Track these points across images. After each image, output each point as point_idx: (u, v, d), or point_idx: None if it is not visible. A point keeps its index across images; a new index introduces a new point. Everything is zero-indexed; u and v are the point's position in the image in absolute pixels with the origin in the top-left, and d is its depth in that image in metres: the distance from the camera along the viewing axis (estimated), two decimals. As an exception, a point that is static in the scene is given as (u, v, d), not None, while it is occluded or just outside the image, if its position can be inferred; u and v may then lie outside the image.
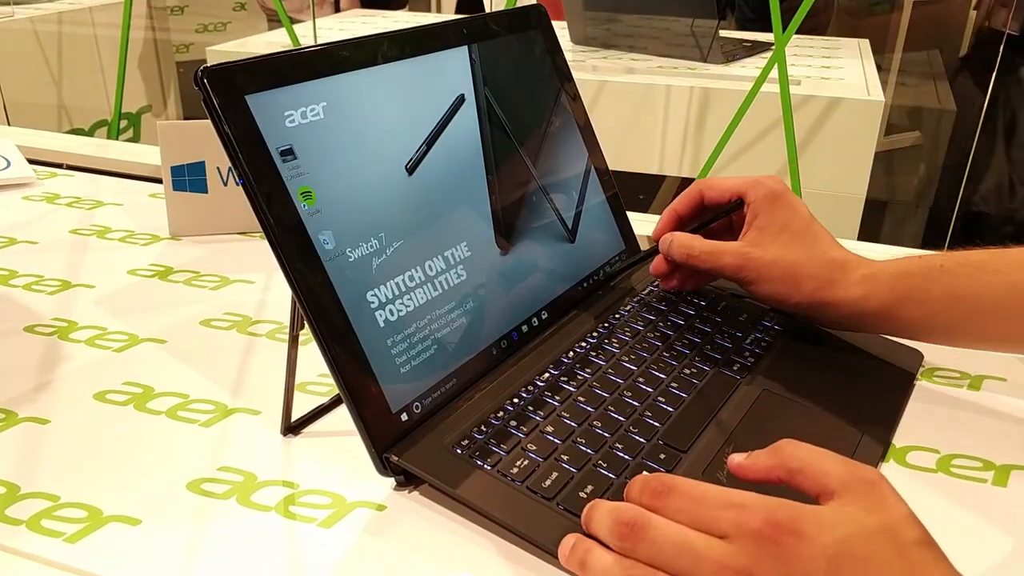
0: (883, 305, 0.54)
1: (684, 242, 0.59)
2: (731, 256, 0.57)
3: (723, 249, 0.58)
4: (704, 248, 0.58)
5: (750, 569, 0.36)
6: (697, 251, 0.58)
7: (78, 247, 0.79)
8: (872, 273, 0.55)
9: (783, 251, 0.56)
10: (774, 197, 0.58)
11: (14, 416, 0.54)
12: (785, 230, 0.57)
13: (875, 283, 0.54)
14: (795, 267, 0.56)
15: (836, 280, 0.55)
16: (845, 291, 0.55)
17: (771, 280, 0.56)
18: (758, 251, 0.57)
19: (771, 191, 0.58)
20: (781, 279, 0.56)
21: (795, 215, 0.58)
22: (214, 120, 0.44)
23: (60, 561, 0.43)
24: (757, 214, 0.58)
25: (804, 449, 0.40)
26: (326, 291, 0.46)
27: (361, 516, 0.46)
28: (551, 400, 0.52)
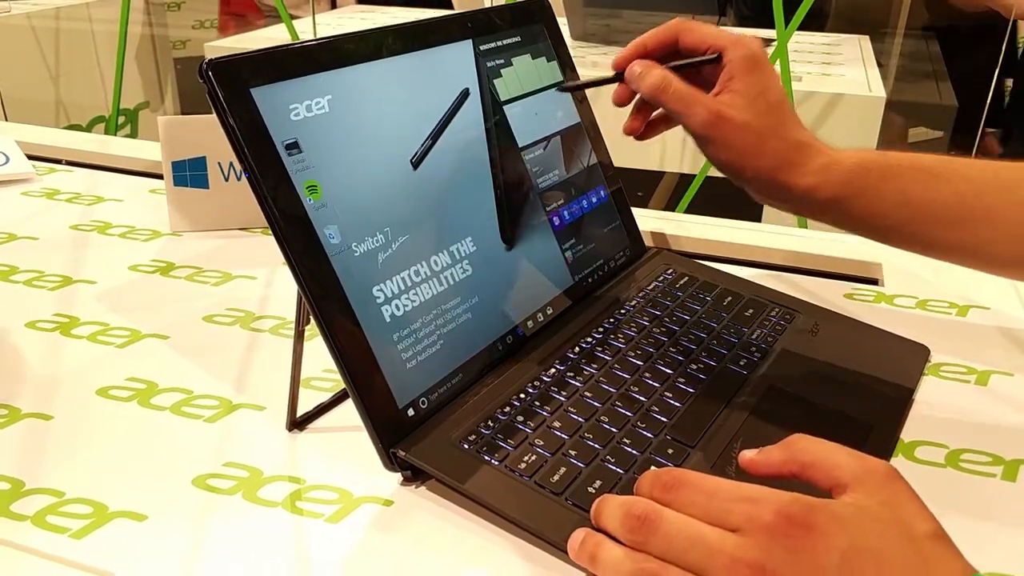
0: (833, 198, 0.54)
1: (659, 75, 0.54)
2: (704, 109, 0.54)
3: (697, 98, 0.54)
4: (679, 88, 0.54)
5: (763, 563, 0.35)
6: (672, 89, 0.54)
7: (79, 243, 0.79)
8: (830, 163, 0.54)
9: (755, 118, 0.53)
10: (754, 61, 0.55)
11: (17, 412, 0.54)
12: (760, 98, 0.54)
13: (830, 174, 0.53)
14: (761, 139, 0.53)
15: (795, 163, 0.54)
16: (800, 177, 0.54)
17: (734, 147, 0.54)
18: (729, 111, 0.53)
19: (752, 54, 0.55)
20: (744, 148, 0.54)
21: (772, 84, 0.55)
22: (219, 113, 0.44)
23: (67, 557, 0.43)
24: (734, 75, 0.54)
25: (816, 443, 0.39)
26: (332, 286, 0.46)
27: (368, 511, 0.46)
28: (558, 395, 0.52)
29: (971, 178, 0.53)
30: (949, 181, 0.53)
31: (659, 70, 0.55)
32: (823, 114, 1.56)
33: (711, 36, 0.56)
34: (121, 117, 2.15)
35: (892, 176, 0.53)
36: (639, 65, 0.55)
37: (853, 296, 0.70)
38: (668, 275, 0.67)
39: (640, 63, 0.55)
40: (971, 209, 0.53)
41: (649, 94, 0.54)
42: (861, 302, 0.69)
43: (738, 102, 0.54)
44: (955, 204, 0.53)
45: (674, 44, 0.57)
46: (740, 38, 0.55)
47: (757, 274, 0.71)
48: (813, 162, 0.53)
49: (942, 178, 0.53)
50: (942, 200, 0.53)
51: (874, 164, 0.53)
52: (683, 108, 0.54)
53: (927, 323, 0.66)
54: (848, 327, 0.63)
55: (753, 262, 0.78)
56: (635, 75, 0.55)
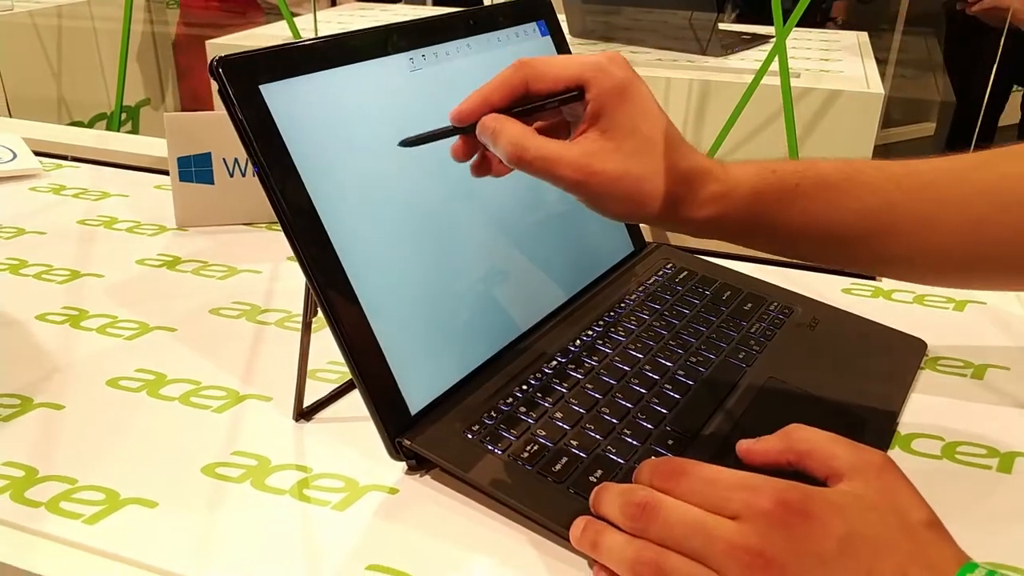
0: (735, 228, 0.50)
1: (515, 138, 0.46)
2: (570, 169, 0.46)
3: (560, 158, 0.46)
4: (539, 153, 0.46)
5: (761, 548, 0.36)
6: (531, 155, 0.46)
7: (86, 237, 0.80)
8: (724, 191, 0.49)
9: (628, 163, 0.47)
10: (621, 91, 0.47)
11: (29, 402, 0.55)
12: (633, 135, 0.47)
13: (726, 203, 0.49)
14: (640, 184, 0.47)
15: (685, 199, 0.49)
16: (694, 211, 0.49)
17: (614, 199, 0.48)
18: (600, 163, 0.47)
19: (618, 83, 0.47)
20: (625, 198, 0.48)
21: (644, 114, 0.48)
22: (229, 109, 0.45)
23: (80, 542, 0.44)
24: (600, 113, 0.47)
25: (813, 433, 0.40)
26: (339, 278, 0.47)
27: (374, 499, 0.47)
28: (560, 387, 0.53)
29: (877, 189, 0.50)
30: (853, 196, 0.49)
31: (514, 129, 0.47)
32: (821, 111, 1.57)
33: (566, 72, 0.48)
34: (122, 114, 2.16)
35: (791, 199, 0.49)
36: (492, 120, 0.47)
37: (851, 291, 0.71)
38: (668, 270, 0.68)
39: (493, 117, 0.47)
40: (877, 224, 0.50)
41: (506, 159, 0.47)
42: (859, 297, 0.70)
43: (607, 147, 0.47)
44: (860, 220, 0.49)
45: (523, 92, 0.48)
46: (599, 63, 0.48)
47: (756, 269, 0.72)
48: (704, 192, 0.49)
49: (846, 193, 0.49)
50: (846, 218, 0.49)
51: (771, 187, 0.49)
52: (548, 173, 0.47)
53: (924, 317, 0.67)
54: (846, 321, 0.64)
55: (752, 257, 0.78)
56: (487, 133, 0.47)
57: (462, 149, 0.49)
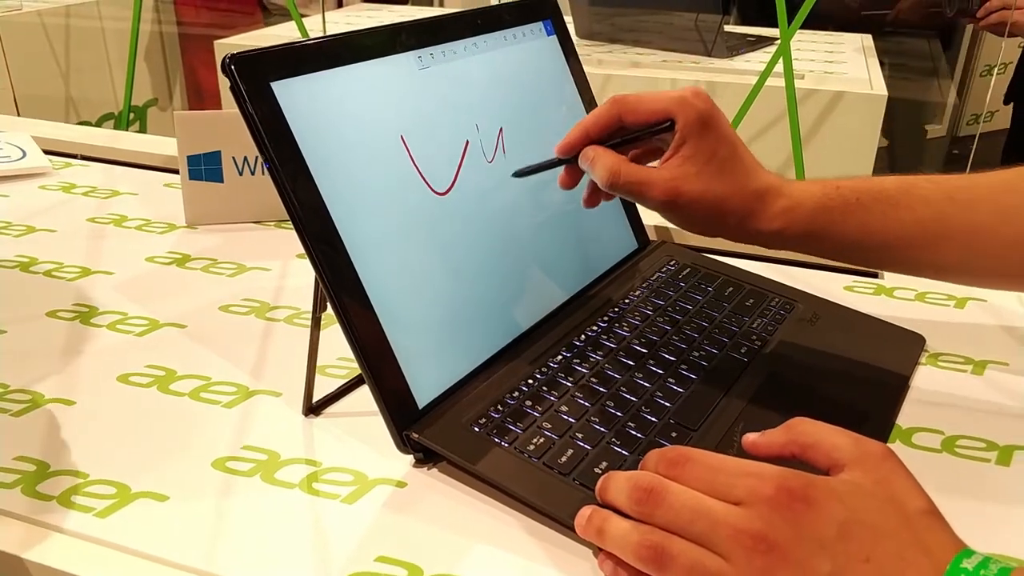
0: (800, 238, 0.55)
1: (609, 165, 0.54)
2: (659, 191, 0.53)
3: (651, 180, 0.54)
4: (631, 177, 0.54)
5: (764, 533, 0.37)
6: (623, 179, 0.54)
7: (96, 235, 0.80)
8: (791, 206, 0.55)
9: (710, 184, 0.54)
10: (703, 122, 0.54)
11: (41, 397, 0.55)
12: (712, 159, 0.54)
13: (793, 216, 0.55)
14: (720, 202, 0.54)
15: (756, 213, 0.55)
16: (765, 224, 0.55)
17: (696, 215, 0.55)
18: (685, 185, 0.53)
19: (700, 114, 0.54)
20: (706, 215, 0.54)
21: (722, 141, 0.54)
22: (241, 105, 0.45)
23: (91, 535, 0.44)
24: (685, 140, 0.54)
25: (816, 426, 0.41)
26: (349, 273, 0.48)
27: (383, 492, 0.48)
28: (565, 381, 0.53)
29: (930, 201, 0.54)
30: (908, 208, 0.54)
31: (609, 158, 0.54)
32: (825, 112, 1.57)
33: (656, 106, 0.55)
34: (130, 114, 2.17)
35: (852, 211, 0.54)
36: (591, 151, 0.55)
37: (853, 288, 0.71)
38: (671, 266, 0.69)
39: (592, 149, 0.55)
40: (931, 233, 0.54)
41: (602, 185, 0.54)
42: (861, 294, 0.71)
43: (691, 171, 0.54)
44: (916, 231, 0.54)
45: (618, 124, 0.56)
46: (684, 97, 0.54)
47: (759, 267, 0.73)
48: (774, 207, 0.55)
49: (901, 206, 0.54)
50: (902, 229, 0.54)
51: (834, 202, 0.55)
52: (638, 193, 0.54)
53: (926, 315, 0.67)
54: (846, 317, 0.64)
55: (754, 255, 0.79)
56: (587, 161, 0.55)
57: (567, 178, 0.57)
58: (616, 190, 0.54)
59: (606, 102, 0.56)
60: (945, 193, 0.55)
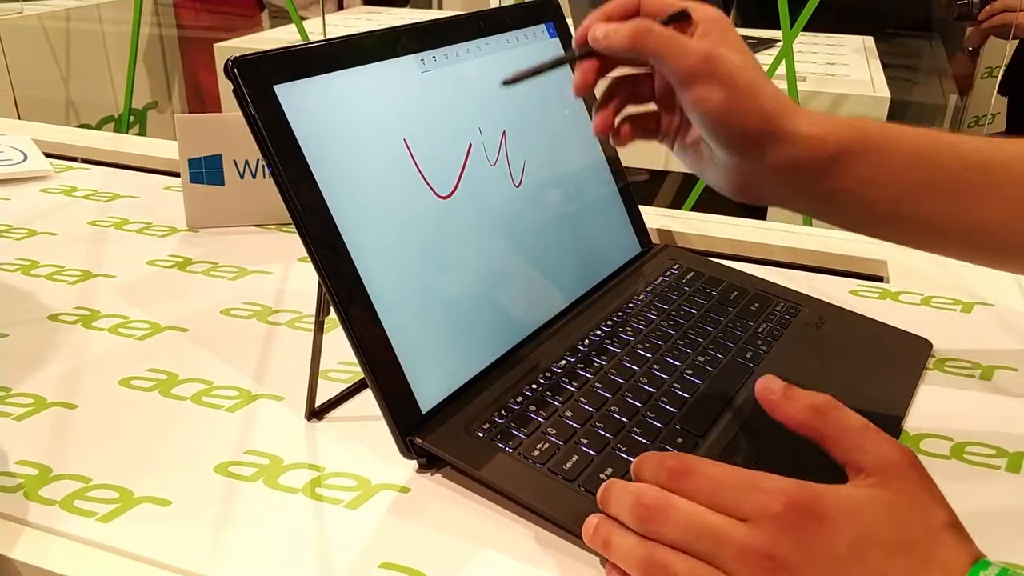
0: (839, 152, 0.48)
1: (635, 23, 0.47)
2: (695, 51, 0.47)
3: (684, 40, 0.47)
4: (661, 31, 0.47)
5: (772, 552, 0.36)
6: (655, 33, 0.47)
7: (97, 238, 0.80)
8: (830, 118, 0.49)
9: (745, 60, 0.48)
10: (724, 23, 0.49)
11: (43, 401, 0.55)
12: (741, 49, 0.48)
13: (834, 127, 0.48)
14: (755, 82, 0.48)
15: (792, 110, 0.48)
16: (804, 125, 0.48)
17: (731, 85, 0.47)
18: (723, 51, 0.47)
19: (720, 16, 0.50)
20: (744, 90, 0.47)
21: (744, 45, 0.49)
22: (244, 108, 0.45)
23: (94, 539, 0.44)
24: (710, 31, 0.48)
25: (847, 419, 0.39)
26: (352, 277, 0.47)
27: (386, 498, 0.47)
28: (569, 386, 0.53)
29: (979, 148, 0.49)
30: (955, 146, 0.49)
31: (629, 22, 0.48)
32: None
33: (677, 2, 0.50)
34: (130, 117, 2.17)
35: (895, 137, 0.49)
36: (603, 27, 0.48)
37: (858, 292, 0.71)
38: (675, 270, 0.69)
39: (602, 24, 0.49)
40: (978, 179, 0.49)
41: (629, 43, 0.47)
42: (866, 298, 0.70)
43: (728, 48, 0.48)
44: (962, 172, 0.49)
45: (636, 10, 0.50)
46: (703, 3, 0.50)
47: (763, 271, 0.73)
48: (810, 114, 0.49)
49: (947, 144, 0.49)
50: (949, 165, 0.49)
51: (873, 124, 0.49)
52: (669, 51, 0.47)
53: (932, 319, 0.67)
54: (852, 321, 0.64)
55: (759, 259, 0.79)
56: (608, 31, 0.48)
57: (583, 80, 0.50)
58: (648, 42, 0.47)
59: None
60: (993, 143, 0.50)
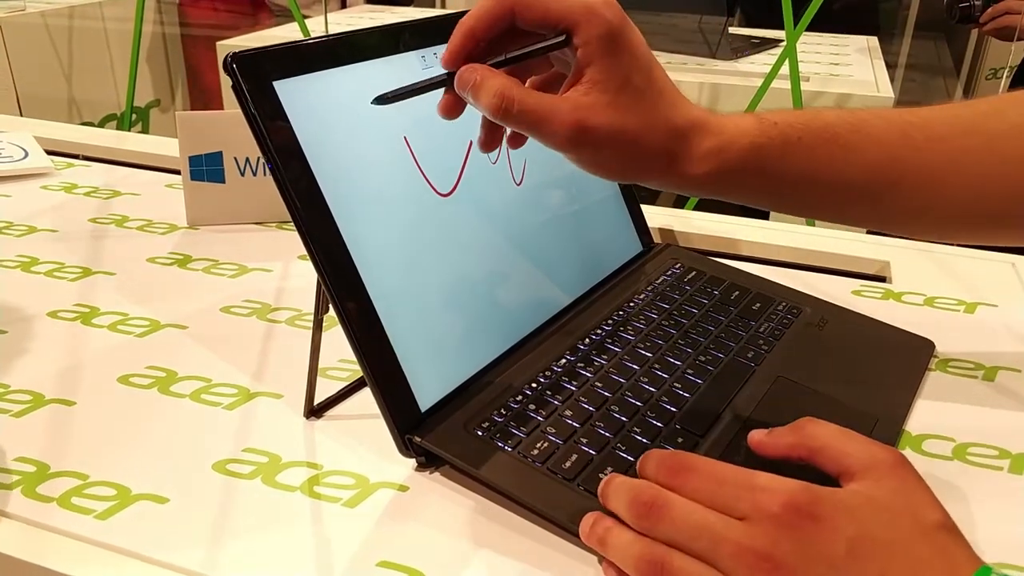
0: (733, 183, 0.48)
1: (498, 89, 0.43)
2: (562, 124, 0.43)
3: (551, 111, 0.43)
4: (526, 105, 0.43)
5: (769, 552, 0.36)
6: (517, 108, 0.43)
7: (97, 235, 0.80)
8: (721, 145, 0.46)
9: (624, 118, 0.44)
10: (613, 39, 0.43)
11: (41, 398, 0.55)
12: (626, 87, 0.44)
13: (724, 158, 0.46)
14: (637, 139, 0.44)
15: (681, 153, 0.46)
16: (692, 166, 0.46)
17: (608, 157, 0.45)
18: (594, 118, 0.43)
19: (610, 29, 0.43)
20: (621, 155, 0.45)
21: (637, 63, 0.44)
22: (243, 105, 0.45)
23: (92, 537, 0.44)
24: (591, 61, 0.43)
25: (826, 428, 0.40)
26: (351, 275, 0.47)
27: (384, 496, 0.47)
28: (569, 385, 0.53)
29: (883, 142, 0.47)
30: (858, 150, 0.47)
31: (497, 80, 0.43)
32: (831, 114, 1.57)
33: (556, 9, 0.44)
34: (133, 115, 2.17)
35: (793, 152, 0.47)
36: (470, 71, 0.44)
37: (861, 293, 0.71)
38: (676, 269, 0.68)
39: (471, 68, 0.44)
40: (882, 179, 0.48)
41: (490, 115, 0.44)
42: (869, 298, 0.70)
43: (600, 100, 0.44)
44: (864, 175, 0.47)
45: (509, 22, 0.45)
46: (592, 6, 0.44)
47: (765, 271, 0.72)
48: (702, 146, 0.46)
49: (850, 147, 0.47)
50: (849, 172, 0.47)
51: (772, 141, 0.47)
52: (537, 129, 0.44)
53: (935, 319, 0.67)
54: (854, 321, 0.64)
55: (761, 259, 0.78)
56: (467, 86, 0.44)
57: (448, 105, 0.46)
58: (508, 122, 0.43)
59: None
60: (900, 132, 0.48)
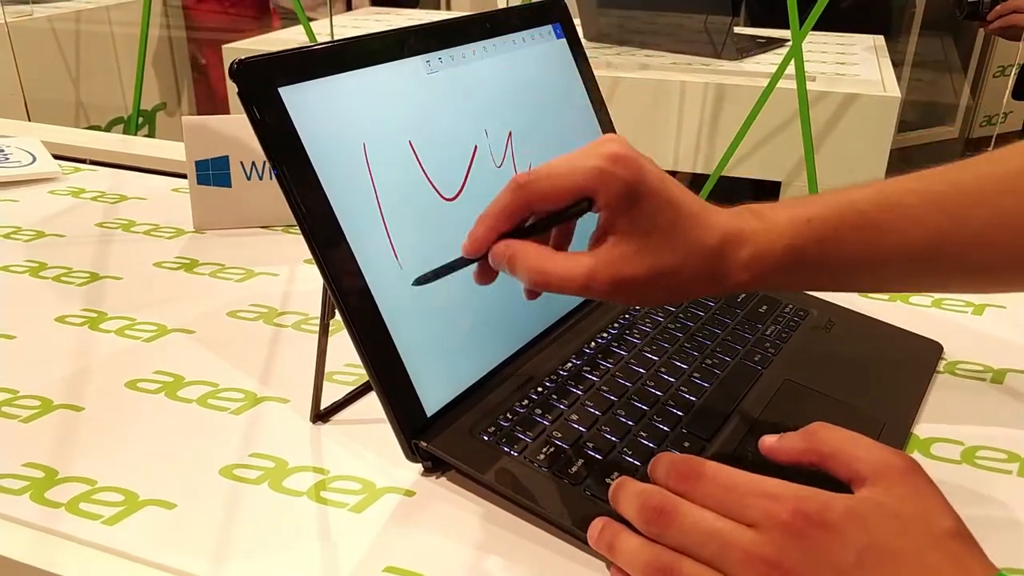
0: (774, 283, 0.49)
1: (532, 265, 0.44)
2: (599, 283, 0.44)
3: (586, 274, 0.44)
4: (563, 274, 0.44)
5: (778, 560, 0.36)
6: (556, 280, 0.44)
7: (104, 240, 0.80)
8: (757, 255, 0.47)
9: (656, 260, 0.45)
10: (632, 193, 0.44)
11: (49, 403, 0.55)
12: (652, 232, 0.45)
13: (762, 266, 0.47)
14: (676, 273, 0.45)
15: (720, 272, 0.47)
16: (732, 279, 0.47)
17: (652, 295, 0.46)
18: (628, 268, 0.44)
19: (626, 185, 0.44)
20: (662, 293, 0.46)
21: (660, 206, 0.45)
22: (248, 111, 0.45)
23: (99, 542, 0.44)
24: (614, 220, 0.45)
25: (837, 433, 0.40)
26: (357, 280, 0.47)
27: (391, 501, 0.47)
28: (575, 389, 0.53)
29: (919, 219, 0.48)
30: (896, 232, 0.48)
31: (529, 255, 0.44)
32: (837, 114, 1.56)
33: (569, 185, 0.44)
34: (139, 118, 2.17)
35: (829, 248, 0.47)
36: (504, 247, 0.45)
37: (868, 294, 0.71)
38: (684, 272, 0.68)
39: (505, 244, 0.45)
40: (924, 255, 0.48)
41: (530, 286, 0.45)
42: (876, 300, 0.70)
43: (630, 250, 0.44)
44: (906, 256, 0.48)
45: (527, 212, 0.46)
46: (604, 170, 0.44)
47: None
48: (738, 259, 0.46)
49: (886, 230, 0.47)
50: (890, 256, 0.48)
51: (808, 241, 0.47)
52: (577, 293, 0.45)
53: (943, 322, 0.66)
54: (861, 324, 0.64)
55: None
56: (503, 260, 0.45)
57: (482, 276, 0.47)
58: (547, 290, 0.45)
59: (507, 187, 0.45)
60: (936, 205, 0.48)
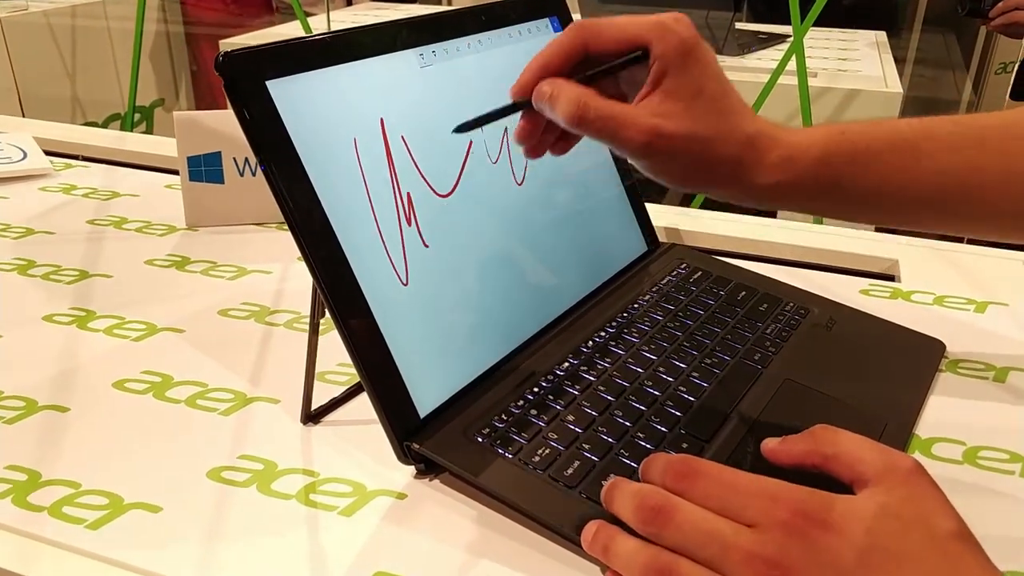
0: (801, 193, 0.48)
1: (574, 98, 0.44)
2: (637, 130, 0.44)
3: (626, 118, 0.44)
4: (602, 111, 0.44)
5: (778, 559, 0.35)
6: (593, 113, 0.44)
7: (95, 237, 0.79)
8: (790, 155, 0.47)
9: (697, 125, 0.45)
10: (687, 51, 0.45)
11: (34, 404, 0.54)
12: (700, 96, 0.45)
13: (793, 168, 0.47)
14: (708, 147, 0.45)
15: (750, 162, 0.46)
16: (761, 175, 0.47)
17: (681, 163, 0.46)
18: (669, 124, 0.44)
19: (683, 42, 0.45)
20: (691, 162, 0.46)
21: (709, 75, 0.46)
22: (234, 105, 0.44)
23: (82, 547, 0.43)
24: (665, 73, 0.45)
25: (840, 435, 0.39)
26: (347, 279, 0.46)
27: (382, 504, 0.46)
28: (571, 389, 0.52)
29: (957, 148, 0.47)
30: (932, 157, 0.47)
31: (573, 90, 0.44)
32: (839, 110, 1.55)
33: (629, 31, 0.46)
34: (136, 114, 2.16)
35: (863, 163, 0.47)
36: (548, 85, 0.45)
37: (869, 292, 0.69)
38: (682, 270, 0.67)
39: (549, 82, 0.45)
40: (958, 185, 0.47)
41: (567, 123, 0.45)
42: (877, 298, 0.69)
43: (675, 108, 0.45)
44: (940, 183, 0.47)
45: (583, 54, 0.46)
46: (665, 23, 0.46)
47: (772, 270, 0.71)
48: (770, 156, 0.47)
49: (923, 155, 0.47)
50: (923, 180, 0.47)
51: (841, 150, 0.47)
52: (612, 134, 0.45)
53: (945, 319, 0.65)
54: (863, 322, 0.62)
55: (768, 258, 0.77)
56: (544, 98, 0.45)
57: (526, 129, 0.47)
58: (584, 128, 0.44)
59: (568, 27, 0.46)
60: (975, 138, 0.47)
